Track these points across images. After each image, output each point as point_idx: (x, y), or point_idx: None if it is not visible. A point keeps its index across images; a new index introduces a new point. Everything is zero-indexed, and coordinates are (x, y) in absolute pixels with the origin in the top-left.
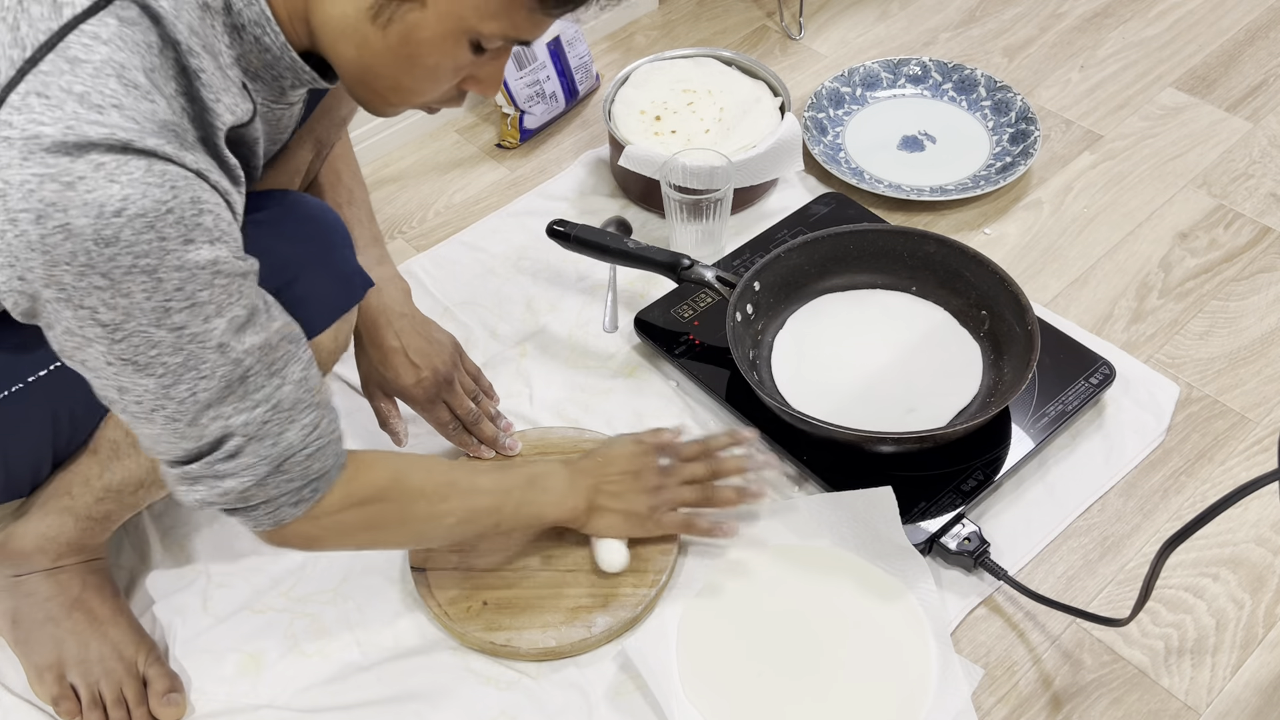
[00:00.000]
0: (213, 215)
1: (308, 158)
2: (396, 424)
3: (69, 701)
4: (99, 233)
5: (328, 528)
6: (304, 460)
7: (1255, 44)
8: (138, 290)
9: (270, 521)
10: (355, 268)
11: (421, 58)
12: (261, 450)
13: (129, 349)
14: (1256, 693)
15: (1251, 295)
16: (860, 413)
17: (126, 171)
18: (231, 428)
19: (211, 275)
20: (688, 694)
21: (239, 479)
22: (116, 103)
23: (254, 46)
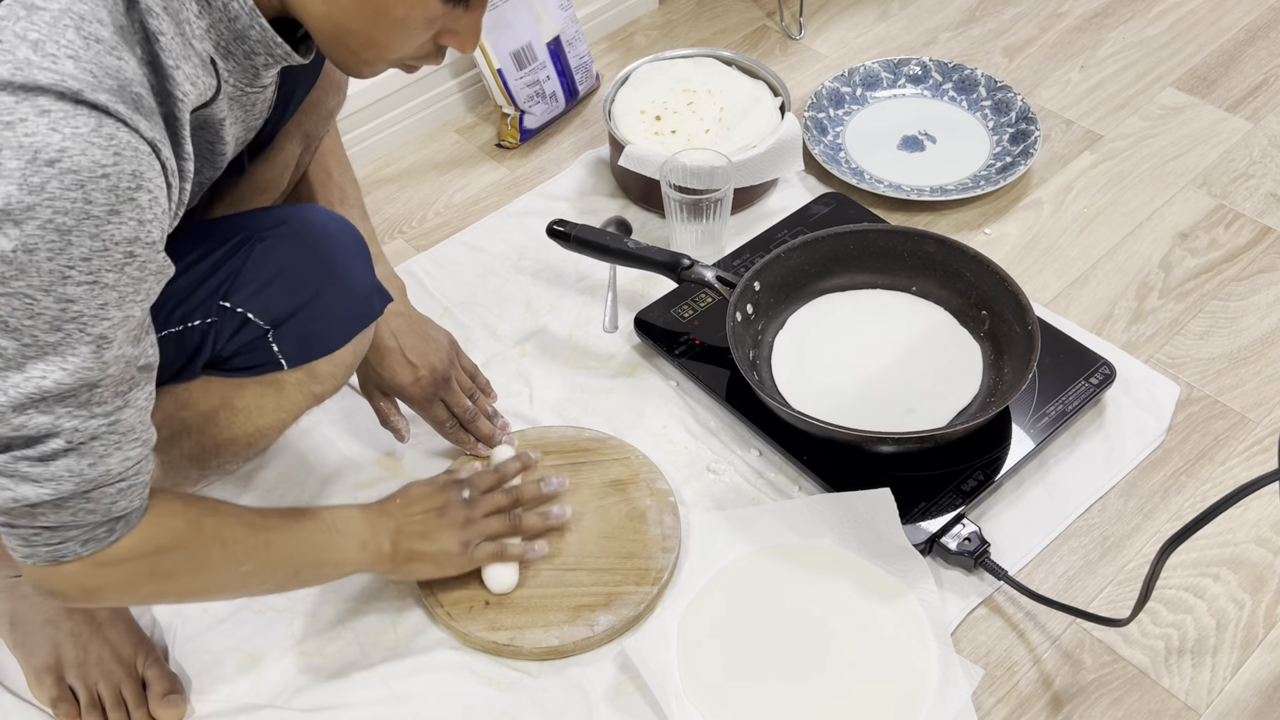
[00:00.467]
0: (149, 195)
1: (296, 152)
2: (398, 421)
3: (68, 703)
4: (27, 179)
5: (112, 578)
6: (114, 493)
7: (1255, 44)
8: (43, 247)
9: (48, 555)
10: (375, 284)
11: (390, 9)
12: (78, 466)
13: (6, 307)
14: (1257, 693)
15: (1252, 295)
16: (860, 413)
17: (72, 124)
18: (59, 429)
19: (125, 257)
20: (688, 694)
21: (39, 488)
22: (73, 54)
23: (222, 15)
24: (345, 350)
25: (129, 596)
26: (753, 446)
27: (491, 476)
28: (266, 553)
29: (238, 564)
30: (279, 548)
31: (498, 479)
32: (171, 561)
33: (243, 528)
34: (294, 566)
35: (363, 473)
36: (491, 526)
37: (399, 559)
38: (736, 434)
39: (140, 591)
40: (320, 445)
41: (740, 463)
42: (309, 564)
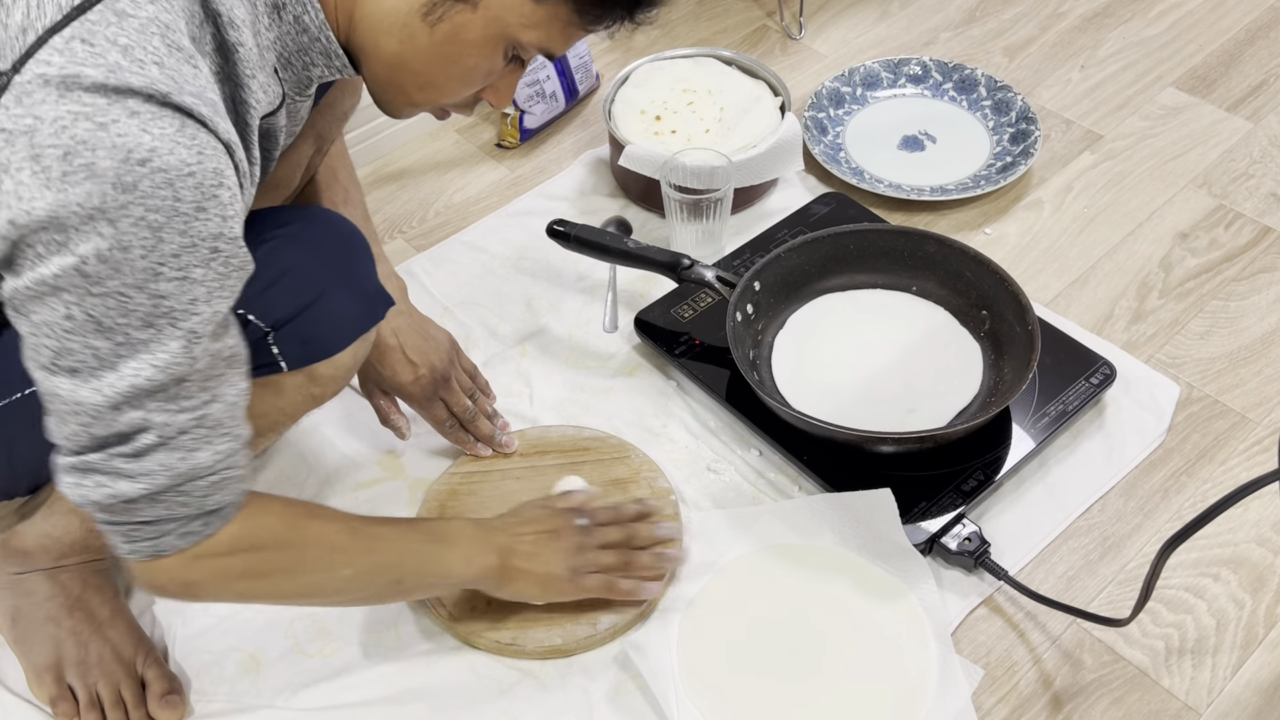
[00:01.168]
0: (230, 192)
1: (309, 152)
2: (398, 419)
3: (67, 702)
4: (120, 177)
5: (209, 572)
6: (207, 487)
7: (1255, 44)
8: (137, 245)
9: (149, 549)
10: (378, 287)
11: (462, 58)
12: (169, 460)
13: (100, 307)
14: (1257, 693)
15: (1252, 295)
16: (860, 413)
17: (159, 125)
18: (150, 423)
19: (210, 252)
20: (688, 693)
21: (135, 483)
22: (158, 60)
23: (292, 27)
24: (346, 353)
25: (226, 592)
26: (753, 446)
27: (609, 511)
28: (368, 559)
29: (337, 568)
30: (382, 555)
31: (614, 515)
32: (269, 560)
33: (346, 532)
34: (396, 575)
35: (363, 473)
36: (603, 560)
37: (505, 576)
38: (736, 434)
39: (236, 588)
40: (320, 445)
41: (740, 463)
42: (412, 573)
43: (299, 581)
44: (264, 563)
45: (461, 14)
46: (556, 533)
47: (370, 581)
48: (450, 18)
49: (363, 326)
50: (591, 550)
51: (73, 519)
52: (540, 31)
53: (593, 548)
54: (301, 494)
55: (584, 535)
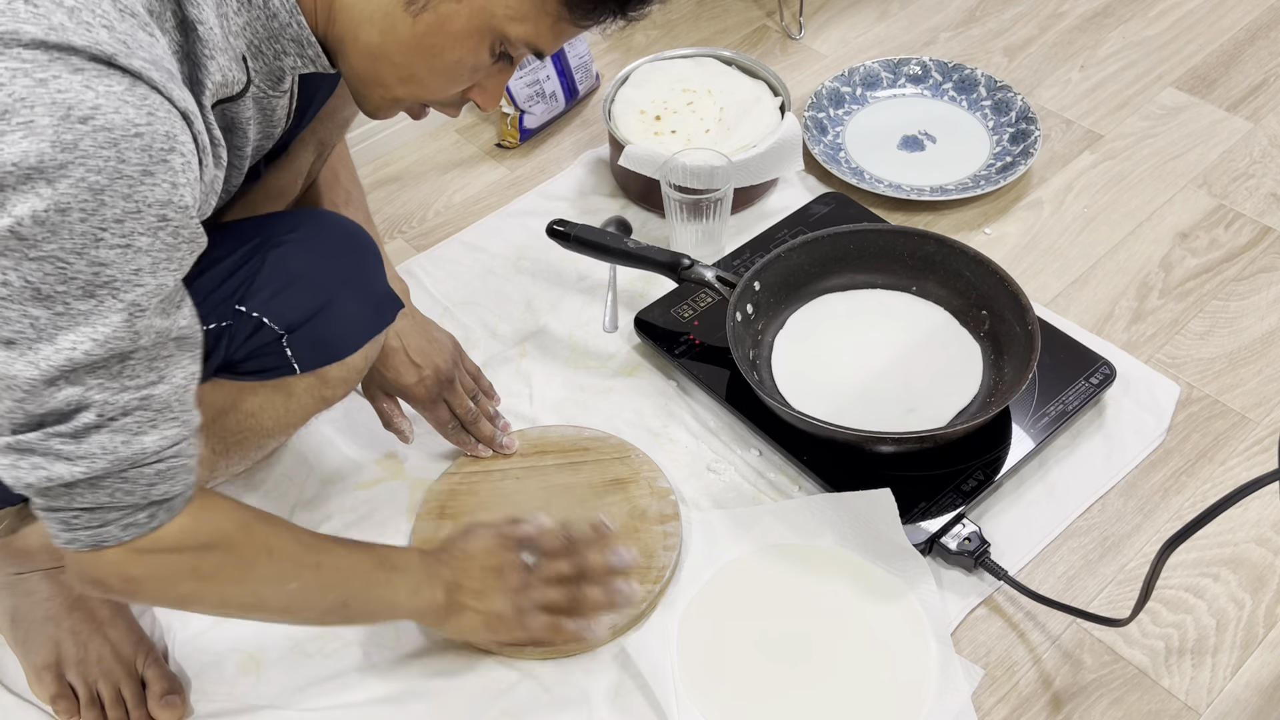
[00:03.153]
0: (182, 159)
1: (310, 159)
2: (401, 423)
3: (67, 700)
4: (59, 135)
5: (153, 568)
6: (152, 475)
7: (1255, 44)
8: (76, 207)
9: (89, 539)
10: (387, 290)
11: (445, 51)
12: (111, 443)
13: (38, 273)
14: (1257, 693)
15: (1252, 295)
16: (860, 413)
17: (105, 83)
18: (89, 401)
19: (158, 220)
20: (688, 693)
21: (73, 466)
22: (107, 24)
23: (261, 12)
24: (357, 355)
25: (169, 593)
26: (753, 446)
27: (558, 540)
28: (315, 574)
29: (284, 580)
30: (329, 573)
31: (565, 544)
32: (215, 562)
33: (295, 543)
34: (342, 596)
35: (363, 473)
36: (549, 597)
37: (451, 612)
38: (736, 434)
39: (180, 589)
40: (320, 445)
41: (740, 463)
42: (358, 597)
43: (245, 589)
44: (211, 565)
45: (445, 4)
46: (501, 570)
47: (317, 599)
48: (434, 8)
49: (373, 329)
50: (537, 588)
51: None
52: (528, 25)
53: (539, 585)
54: (302, 494)
55: (528, 572)
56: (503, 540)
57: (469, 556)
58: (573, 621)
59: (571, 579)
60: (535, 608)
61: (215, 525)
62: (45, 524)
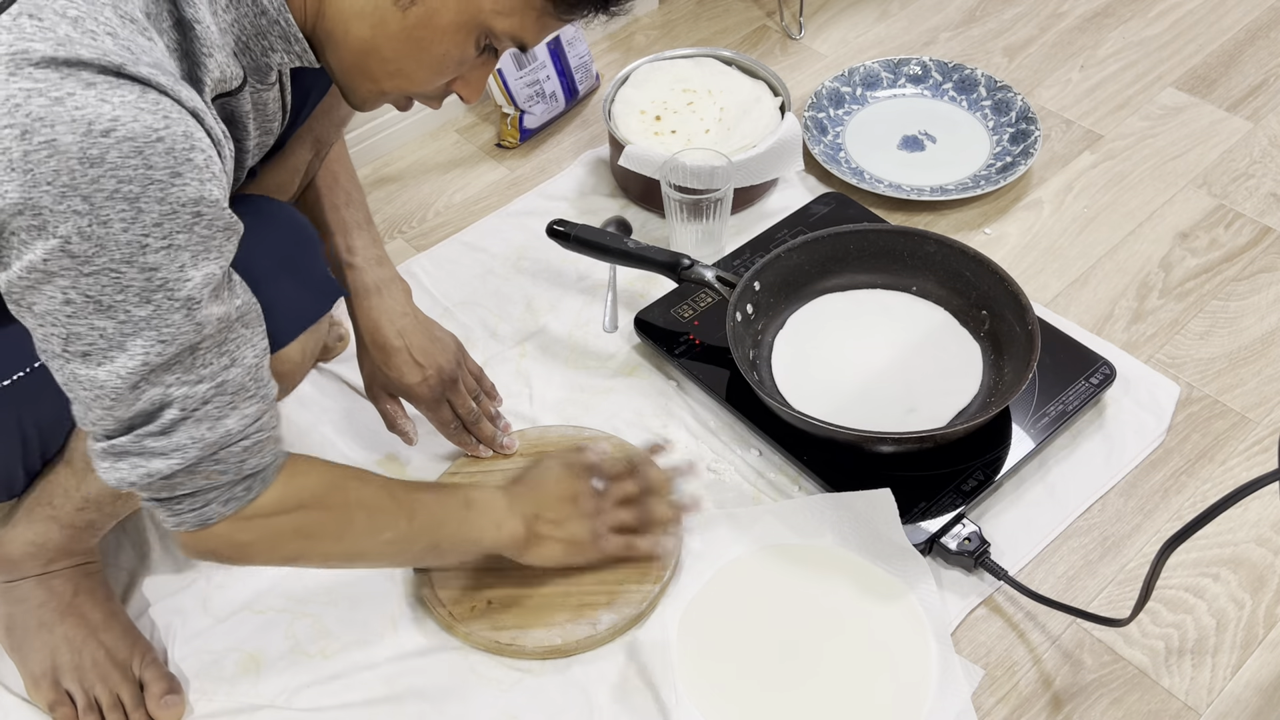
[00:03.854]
0: (204, 154)
1: (307, 157)
2: (405, 424)
3: (65, 707)
4: (85, 151)
5: (259, 533)
6: (240, 452)
7: (1255, 44)
8: (116, 219)
9: (195, 520)
10: (325, 275)
11: (432, 44)
12: (197, 432)
13: (95, 286)
14: (1257, 693)
15: (1252, 295)
16: (860, 413)
17: (119, 94)
18: (171, 398)
19: (193, 217)
20: (688, 693)
21: (168, 460)
22: (111, 31)
23: (250, 9)
24: (293, 348)
25: (276, 553)
26: (753, 446)
27: (621, 464)
28: (409, 523)
29: (379, 531)
30: (421, 519)
31: (627, 465)
32: (315, 520)
33: (386, 496)
34: (433, 539)
35: None
36: (621, 517)
37: (531, 542)
38: (736, 434)
39: (286, 549)
40: (320, 446)
41: (740, 463)
42: (448, 538)
43: (345, 544)
44: (311, 523)
45: None
46: (576, 497)
47: (409, 545)
48: (423, 2)
49: (310, 317)
50: (609, 511)
51: (52, 525)
52: (514, 19)
53: (610, 508)
54: None
55: (601, 498)
56: (573, 469)
57: (544, 486)
58: (644, 540)
59: (638, 498)
60: (609, 530)
61: (309, 486)
62: (152, 513)
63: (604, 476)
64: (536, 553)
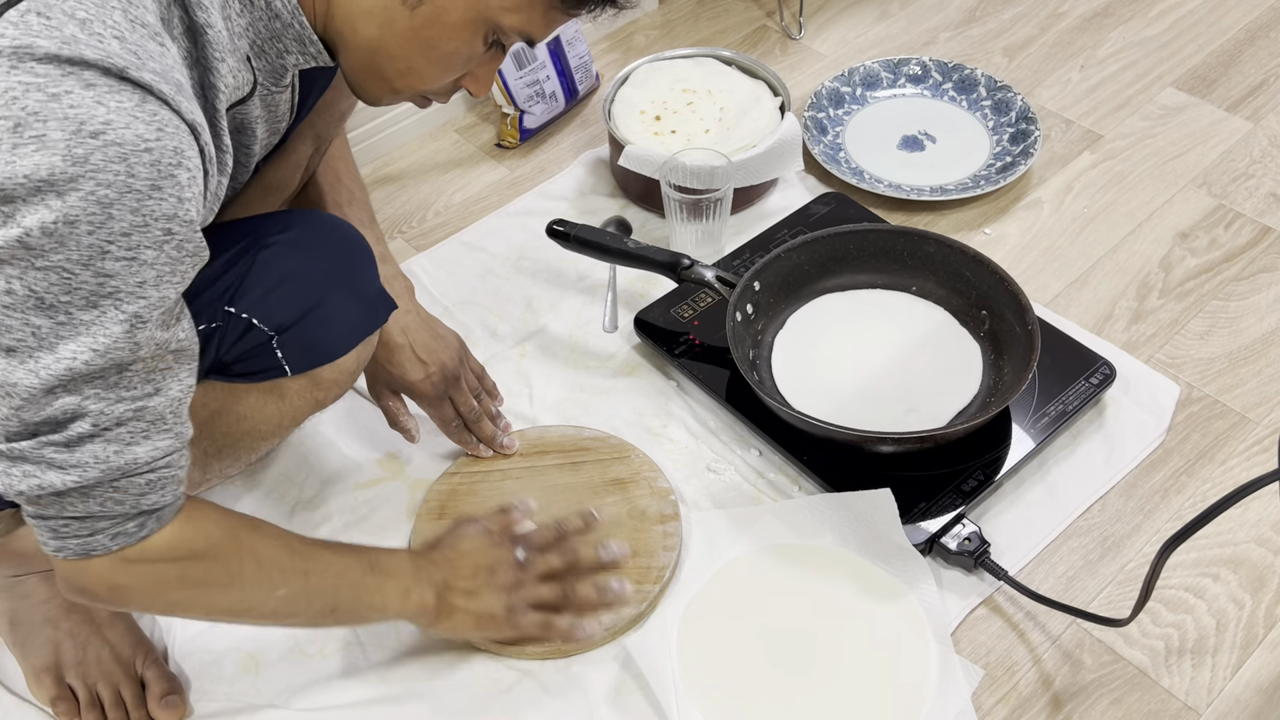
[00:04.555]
0: (189, 174)
1: (308, 152)
2: (407, 421)
3: (67, 702)
4: (71, 150)
5: (141, 577)
6: (143, 484)
7: (1255, 44)
8: (84, 220)
9: (78, 547)
10: (379, 290)
11: (441, 42)
12: (103, 452)
13: (43, 282)
14: (1257, 693)
15: (1252, 295)
16: (860, 413)
17: (117, 99)
18: (84, 410)
19: (164, 234)
20: (688, 693)
21: (65, 474)
22: (119, 35)
23: (264, 13)
24: (349, 357)
25: (156, 601)
26: (753, 446)
27: (550, 533)
28: (304, 581)
29: (272, 587)
30: (318, 579)
31: (556, 536)
32: (203, 570)
33: (283, 551)
34: (330, 602)
35: (363, 473)
36: (540, 594)
37: (441, 613)
38: (736, 434)
39: (168, 597)
40: (320, 445)
41: (740, 463)
42: (347, 602)
43: (233, 597)
44: (199, 573)
45: None
46: (493, 568)
47: (305, 605)
48: (431, 1)
49: (365, 330)
50: (529, 585)
51: None
52: (521, 15)
53: (531, 582)
54: (301, 494)
55: (520, 570)
56: (494, 537)
57: (461, 555)
58: (564, 619)
59: (563, 574)
60: (526, 605)
61: (203, 534)
62: (35, 532)
63: (529, 547)
64: (446, 624)
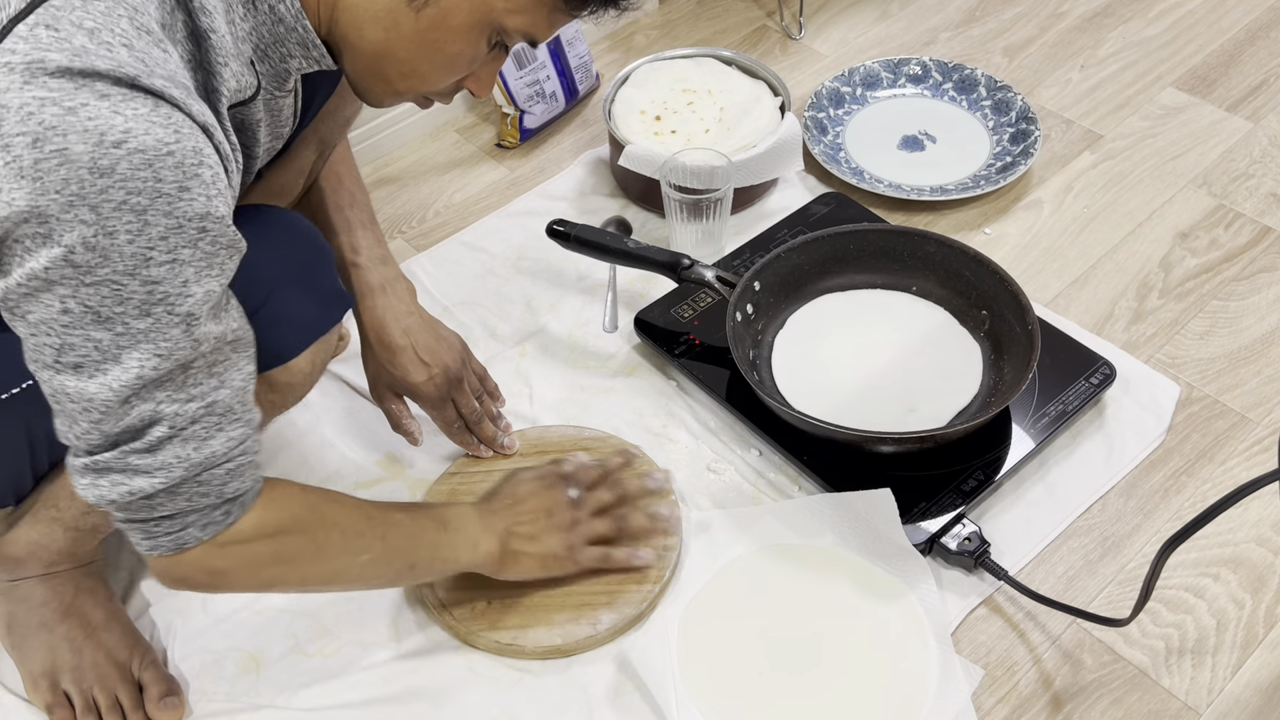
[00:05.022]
0: (212, 170)
1: (311, 158)
2: (410, 424)
3: (63, 709)
4: (96, 161)
5: (235, 559)
6: (224, 475)
7: (1255, 44)
8: (122, 230)
9: (171, 544)
10: (336, 288)
11: (446, 45)
12: (183, 451)
13: (95, 296)
14: (1257, 693)
15: (1252, 295)
16: (860, 413)
17: (131, 106)
18: (160, 415)
19: (198, 232)
20: (688, 694)
21: (151, 478)
22: (127, 42)
23: (268, 17)
24: (302, 358)
25: (253, 580)
26: (753, 446)
27: (595, 471)
28: (384, 545)
29: (356, 553)
30: (396, 541)
31: (602, 473)
32: (292, 545)
33: (361, 518)
34: (409, 560)
35: (363, 473)
36: (596, 528)
37: (506, 559)
38: (736, 434)
39: (263, 575)
40: (320, 445)
41: (740, 463)
42: (424, 559)
43: (323, 567)
44: (289, 548)
45: None
46: (551, 510)
47: (386, 567)
48: (436, 3)
49: (318, 330)
50: (585, 522)
51: (56, 527)
52: (525, 16)
53: (586, 519)
54: None
55: (576, 509)
56: (548, 480)
57: (519, 500)
58: (621, 550)
59: (614, 506)
60: (585, 541)
61: (287, 511)
62: (126, 534)
63: (579, 486)
64: (513, 569)
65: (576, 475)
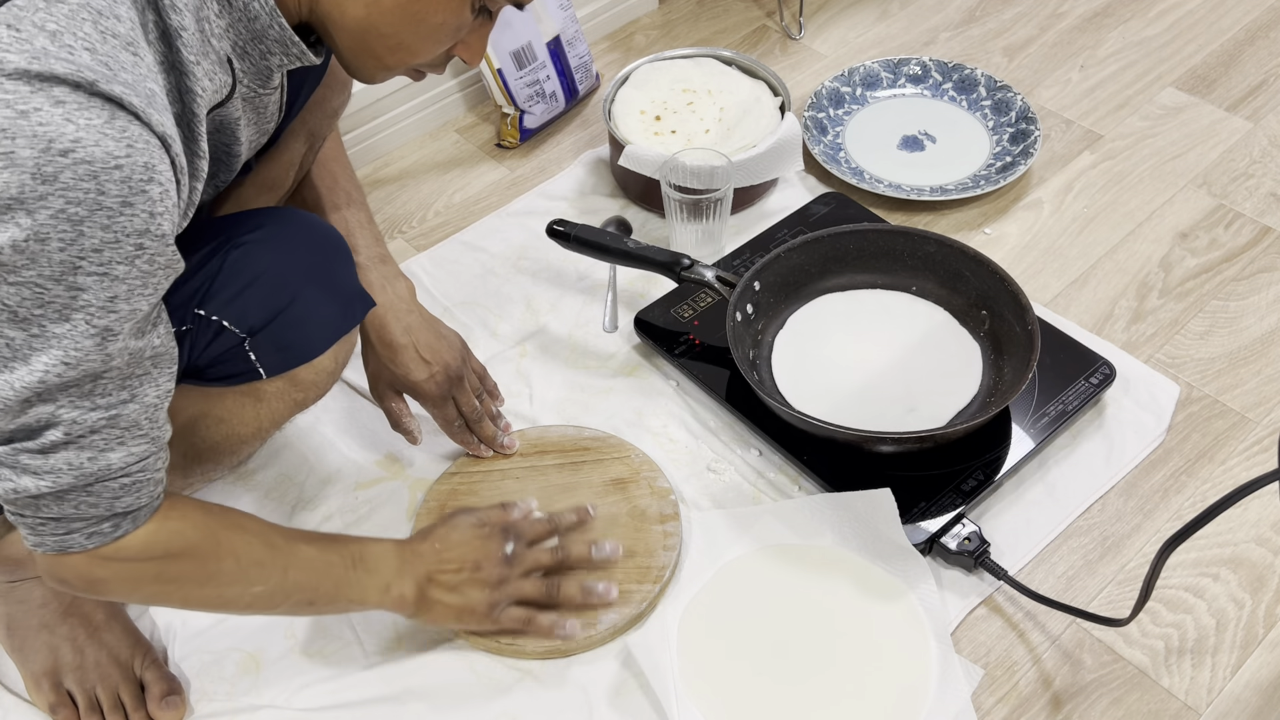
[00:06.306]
0: (160, 188)
1: (301, 150)
2: (410, 423)
3: (66, 709)
4: (40, 168)
5: (116, 573)
6: (116, 489)
7: (1255, 44)
8: (55, 238)
9: (55, 545)
10: (357, 289)
11: (429, 15)
12: (76, 459)
13: (15, 296)
14: (1257, 693)
15: (1251, 295)
16: (860, 413)
17: (86, 116)
18: (58, 419)
19: (135, 249)
20: (688, 693)
21: (39, 480)
22: (90, 46)
23: (242, 15)
24: (326, 356)
25: (133, 594)
26: (753, 446)
27: (542, 526)
28: (283, 577)
29: (250, 583)
30: (297, 575)
31: (548, 530)
32: (178, 568)
33: (264, 548)
34: (308, 596)
35: (363, 473)
36: (524, 590)
37: (421, 606)
38: (736, 434)
39: (143, 591)
40: (320, 445)
41: (740, 462)
42: (325, 596)
43: (209, 592)
44: (174, 570)
45: None
46: (479, 563)
47: (283, 600)
48: None
49: (341, 329)
50: (513, 582)
51: None
52: None
53: (515, 579)
54: (302, 494)
55: (508, 566)
56: (486, 530)
57: (449, 548)
58: (547, 616)
59: (552, 569)
60: (509, 601)
61: (179, 535)
62: (15, 525)
63: (520, 539)
64: (426, 616)
65: (519, 528)
